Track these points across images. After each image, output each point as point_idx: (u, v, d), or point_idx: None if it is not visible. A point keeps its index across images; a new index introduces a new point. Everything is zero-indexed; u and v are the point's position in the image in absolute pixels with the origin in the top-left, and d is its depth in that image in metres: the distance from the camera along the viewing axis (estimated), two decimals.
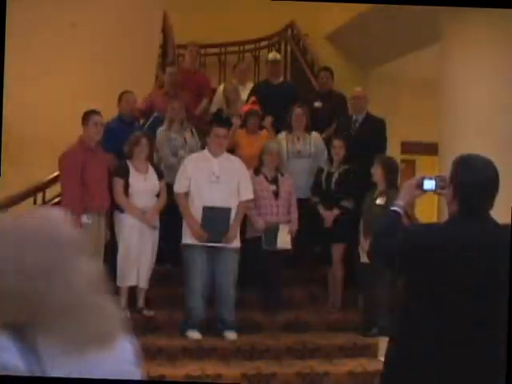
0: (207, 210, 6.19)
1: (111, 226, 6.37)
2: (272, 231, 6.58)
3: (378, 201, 6.41)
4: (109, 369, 1.61)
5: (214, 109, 8.12)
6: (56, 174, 6.29)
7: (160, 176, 6.54)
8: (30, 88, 7.52)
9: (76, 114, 6.10)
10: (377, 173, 6.46)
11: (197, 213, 6.22)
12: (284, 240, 6.59)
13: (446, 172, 2.86)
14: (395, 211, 2.93)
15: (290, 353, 6.13)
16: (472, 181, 2.74)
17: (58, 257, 1.57)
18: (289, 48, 10.85)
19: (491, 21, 6.99)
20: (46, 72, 7.69)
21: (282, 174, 6.83)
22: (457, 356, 2.67)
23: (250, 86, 8.39)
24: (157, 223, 6.44)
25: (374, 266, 5.57)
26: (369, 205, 6.52)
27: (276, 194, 6.71)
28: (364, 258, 6.25)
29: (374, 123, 7.25)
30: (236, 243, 6.33)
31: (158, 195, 6.49)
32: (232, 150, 6.95)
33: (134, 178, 6.37)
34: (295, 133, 7.28)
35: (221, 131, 6.35)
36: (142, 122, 7.56)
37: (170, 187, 6.47)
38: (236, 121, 7.26)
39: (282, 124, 7.37)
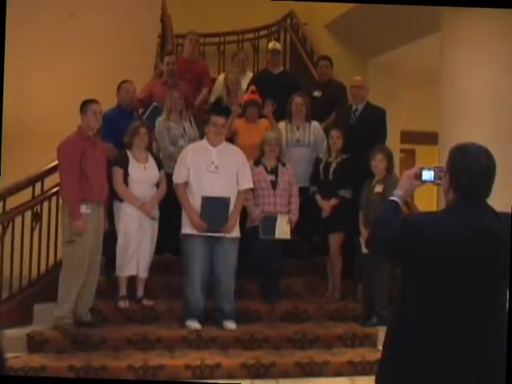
0: (206, 200, 6.18)
1: (110, 216, 6.38)
2: (270, 221, 6.58)
3: (377, 189, 6.43)
4: None
5: (213, 98, 8.11)
6: (55, 163, 6.28)
7: (160, 166, 6.53)
8: (29, 78, 7.50)
9: (75, 104, 6.08)
10: (379, 162, 6.47)
11: (196, 203, 6.22)
12: (282, 230, 6.58)
13: (445, 162, 2.85)
14: (393, 201, 2.92)
15: (290, 342, 6.13)
16: (467, 169, 2.74)
17: None
18: (288, 37, 10.84)
19: (491, 10, 6.97)
20: (44, 62, 7.67)
21: (284, 165, 6.81)
22: (456, 346, 2.67)
23: (248, 75, 8.38)
24: (156, 213, 6.45)
25: (374, 256, 5.58)
26: (367, 194, 6.53)
27: (274, 185, 6.70)
28: (365, 249, 6.26)
29: (374, 112, 7.23)
30: (235, 233, 6.33)
31: (157, 185, 6.49)
32: (231, 139, 6.95)
33: (134, 168, 6.37)
34: (295, 122, 7.27)
35: (219, 120, 6.34)
36: (140, 111, 7.55)
37: (169, 177, 6.47)
38: (235, 109, 7.25)
39: (281, 113, 7.36)
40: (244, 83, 7.95)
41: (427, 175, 2.91)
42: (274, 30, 11.12)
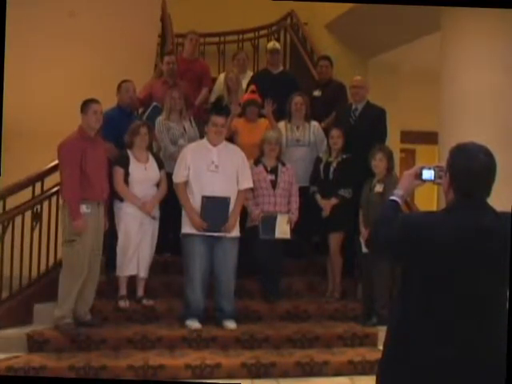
0: (206, 200, 6.18)
1: (111, 216, 6.37)
2: (269, 221, 6.58)
3: (377, 188, 6.43)
4: None
5: (213, 98, 8.11)
6: (55, 163, 6.28)
7: (160, 165, 6.53)
8: (29, 78, 7.51)
9: (75, 104, 6.08)
10: (380, 162, 6.47)
11: (196, 202, 6.22)
12: (282, 230, 6.58)
13: (445, 161, 2.85)
14: (394, 200, 2.92)
15: (290, 342, 6.13)
16: (467, 168, 2.73)
17: None
18: (288, 37, 10.83)
19: (491, 10, 6.97)
20: (44, 62, 7.67)
21: (284, 164, 6.81)
22: (456, 345, 2.67)
23: (248, 75, 8.39)
24: (157, 213, 6.44)
25: (374, 255, 5.57)
26: (367, 194, 6.53)
27: (274, 184, 6.70)
28: (365, 248, 6.26)
29: (374, 112, 7.22)
30: (235, 232, 6.33)
31: (158, 185, 6.48)
32: (231, 139, 6.94)
33: (135, 168, 6.38)
34: (294, 121, 7.27)
35: (219, 120, 6.33)
36: (140, 111, 7.55)
37: (169, 176, 6.47)
38: (234, 109, 7.25)
39: (281, 113, 7.36)
40: (244, 83, 7.96)
41: (427, 174, 2.91)
42: (274, 30, 11.12)
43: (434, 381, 2.68)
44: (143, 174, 6.39)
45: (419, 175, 2.93)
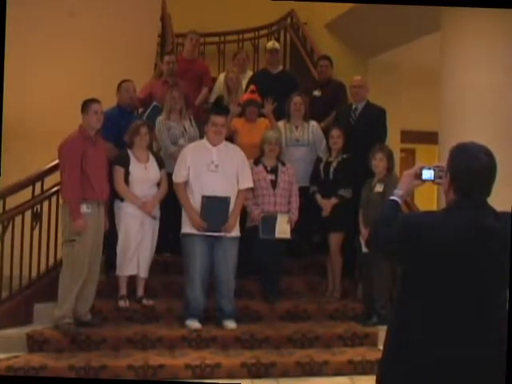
0: (206, 200, 6.18)
1: (111, 216, 6.37)
2: (269, 221, 6.57)
3: (377, 188, 6.43)
4: None
5: (213, 98, 8.10)
6: (55, 163, 6.28)
7: (161, 165, 6.53)
8: (29, 78, 7.51)
9: (75, 104, 6.08)
10: (380, 161, 6.47)
11: (196, 202, 6.22)
12: (282, 229, 6.58)
13: (445, 161, 2.85)
14: (394, 200, 2.92)
15: (290, 342, 6.13)
16: (467, 168, 2.73)
17: None
18: (288, 37, 10.83)
19: (491, 10, 6.97)
20: (44, 62, 7.67)
21: (284, 164, 6.81)
22: (456, 345, 2.67)
23: (248, 74, 8.39)
24: (157, 213, 6.44)
25: (374, 255, 5.57)
26: (367, 193, 6.52)
27: (274, 184, 6.70)
28: (365, 248, 6.26)
29: (375, 112, 7.22)
30: (235, 232, 6.33)
31: (158, 184, 6.48)
32: (230, 138, 6.94)
33: (135, 167, 6.37)
34: (293, 121, 7.27)
35: (219, 120, 6.33)
36: (140, 111, 7.55)
37: (170, 176, 6.47)
38: (234, 109, 7.25)
39: (281, 113, 7.36)
40: (244, 83, 7.96)
41: (427, 174, 2.91)
42: (274, 30, 11.12)
43: (434, 381, 2.68)
44: (143, 174, 6.39)
45: (419, 175, 2.93)
